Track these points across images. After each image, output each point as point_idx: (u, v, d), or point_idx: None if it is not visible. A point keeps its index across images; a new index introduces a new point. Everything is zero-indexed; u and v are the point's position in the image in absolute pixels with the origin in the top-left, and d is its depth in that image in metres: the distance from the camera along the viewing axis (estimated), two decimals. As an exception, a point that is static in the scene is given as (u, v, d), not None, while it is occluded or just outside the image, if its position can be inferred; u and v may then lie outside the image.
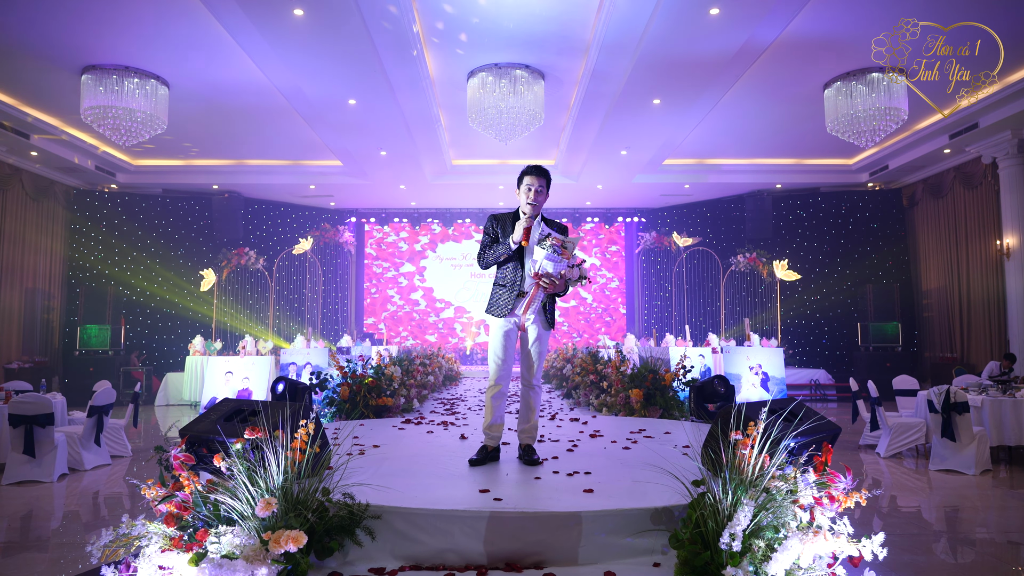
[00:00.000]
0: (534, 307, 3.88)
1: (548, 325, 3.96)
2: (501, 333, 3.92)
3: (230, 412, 3.36)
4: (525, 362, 4.02)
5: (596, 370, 7.89)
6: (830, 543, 2.23)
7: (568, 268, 3.75)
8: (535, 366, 3.98)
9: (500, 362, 3.92)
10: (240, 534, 2.42)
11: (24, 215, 11.92)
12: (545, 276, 3.73)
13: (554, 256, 3.73)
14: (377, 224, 17.16)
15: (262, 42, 7.57)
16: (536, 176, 3.85)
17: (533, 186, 3.83)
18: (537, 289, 3.81)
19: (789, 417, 2.92)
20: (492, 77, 8.54)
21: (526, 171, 3.87)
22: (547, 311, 3.96)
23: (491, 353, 3.96)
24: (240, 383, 9.48)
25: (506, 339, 3.92)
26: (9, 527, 4.48)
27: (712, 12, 6.90)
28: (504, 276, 3.96)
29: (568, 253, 3.74)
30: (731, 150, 12.54)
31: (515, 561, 2.81)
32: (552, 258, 3.73)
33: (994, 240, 11.24)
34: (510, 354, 3.94)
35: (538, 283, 3.76)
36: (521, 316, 3.90)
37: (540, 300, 3.88)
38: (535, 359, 3.97)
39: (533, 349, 3.96)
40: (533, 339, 3.95)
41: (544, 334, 3.98)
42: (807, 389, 12.36)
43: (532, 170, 3.87)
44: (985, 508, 5.00)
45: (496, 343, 3.94)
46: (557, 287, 3.77)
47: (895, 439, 6.77)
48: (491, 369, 3.96)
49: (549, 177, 3.93)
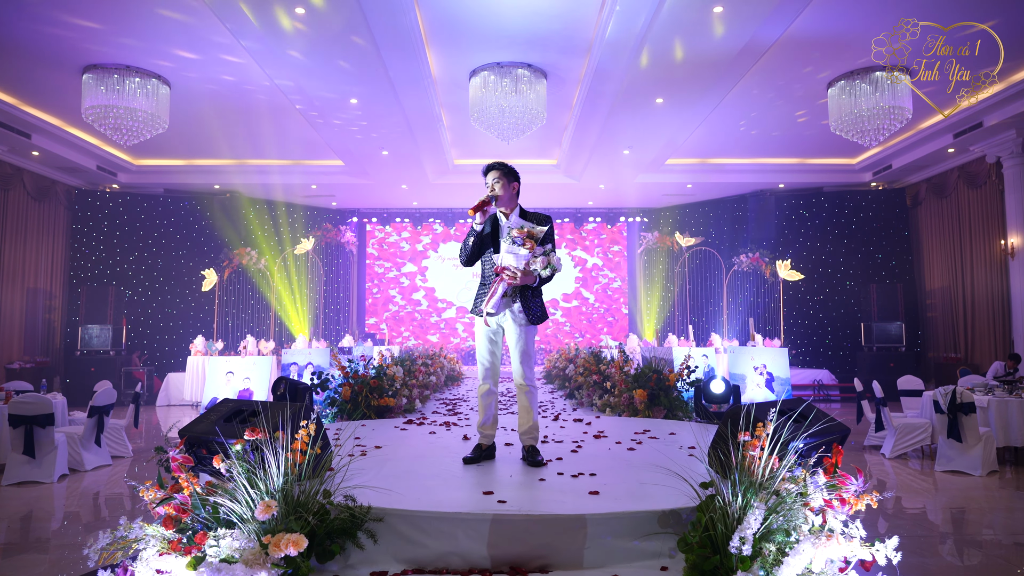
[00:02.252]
0: (496, 301, 3.80)
1: (530, 321, 3.87)
2: (481, 332, 3.96)
3: (230, 413, 3.32)
4: (512, 361, 3.97)
5: (599, 370, 7.84)
6: (843, 547, 2.18)
7: (531, 258, 3.69)
8: (522, 365, 3.90)
9: (484, 361, 3.96)
10: (239, 537, 2.38)
11: (26, 215, 11.90)
12: (506, 269, 3.71)
13: (513, 248, 3.70)
14: (379, 224, 17.13)
15: (264, 41, 7.54)
16: (491, 172, 3.91)
17: (490, 182, 3.90)
18: (498, 282, 3.77)
19: (799, 418, 2.88)
20: (494, 76, 8.51)
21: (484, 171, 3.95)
22: (527, 305, 3.87)
23: (476, 352, 4.01)
24: (241, 383, 9.45)
25: (486, 337, 3.94)
26: (9, 528, 4.45)
27: (716, 10, 6.86)
28: (484, 274, 3.99)
29: (532, 243, 3.67)
30: (734, 149, 12.49)
31: (519, 564, 2.76)
32: (512, 250, 3.70)
33: (998, 240, 11.19)
34: (493, 352, 3.95)
35: (500, 276, 3.75)
36: (484, 310, 3.86)
37: (502, 293, 3.79)
38: (520, 357, 3.90)
39: (516, 347, 3.90)
40: (515, 337, 3.89)
41: (525, 330, 3.88)
42: (810, 389, 12.30)
43: (486, 169, 3.95)
44: (992, 509, 4.95)
45: (479, 342, 3.99)
46: (523, 279, 3.72)
47: (900, 440, 6.72)
48: (478, 368, 4.02)
49: (506, 168, 3.92)
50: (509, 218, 3.91)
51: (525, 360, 3.90)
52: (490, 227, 3.91)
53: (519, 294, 3.85)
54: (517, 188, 3.95)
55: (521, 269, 3.70)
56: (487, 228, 3.90)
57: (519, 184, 3.97)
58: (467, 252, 3.92)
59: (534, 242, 3.68)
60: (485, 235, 3.90)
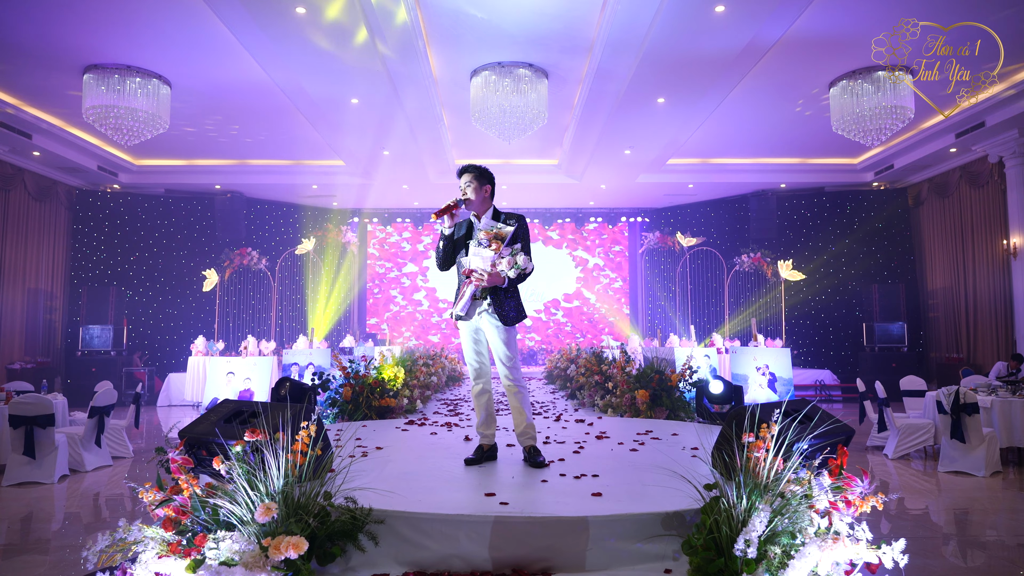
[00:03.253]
0: (464, 304, 3.84)
1: (507, 321, 3.85)
2: (463, 334, 4.01)
3: (230, 414, 3.30)
4: (496, 363, 3.98)
5: (601, 371, 7.82)
6: (849, 549, 2.16)
7: (498, 259, 3.69)
8: (504, 366, 3.89)
9: (472, 362, 4.02)
10: (239, 540, 2.36)
11: (27, 215, 11.89)
12: (473, 271, 3.74)
13: (478, 249, 3.73)
14: (380, 224, 17.11)
15: (264, 41, 7.52)
16: (464, 174, 3.94)
17: (462, 185, 3.92)
18: (465, 284, 3.82)
19: (803, 419, 2.85)
20: (495, 76, 8.49)
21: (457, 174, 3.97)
22: (500, 306, 3.84)
23: (464, 355, 4.09)
24: (242, 384, 9.43)
25: (470, 339, 3.98)
26: (9, 529, 4.43)
27: (717, 9, 6.83)
28: (458, 277, 4.01)
29: (499, 244, 3.67)
30: (735, 149, 12.47)
31: (522, 567, 2.74)
32: (477, 252, 3.72)
33: (1001, 239, 11.16)
34: (480, 353, 3.99)
35: (468, 278, 3.78)
36: (454, 312, 3.92)
37: (470, 296, 3.82)
38: (501, 358, 3.90)
39: (495, 347, 3.91)
40: (492, 338, 3.91)
41: (503, 330, 3.86)
42: (812, 390, 12.27)
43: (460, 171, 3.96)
44: (995, 510, 4.93)
45: (463, 345, 4.04)
46: (491, 280, 3.73)
47: (903, 440, 6.69)
48: (469, 370, 4.07)
49: (478, 171, 3.93)
50: (481, 220, 3.91)
51: (507, 360, 3.90)
52: (464, 230, 3.93)
53: (491, 296, 3.84)
54: (490, 191, 3.95)
55: (488, 271, 3.71)
56: (462, 231, 3.92)
57: (492, 187, 3.97)
58: (440, 257, 3.96)
59: (500, 242, 3.69)
60: (458, 239, 3.92)
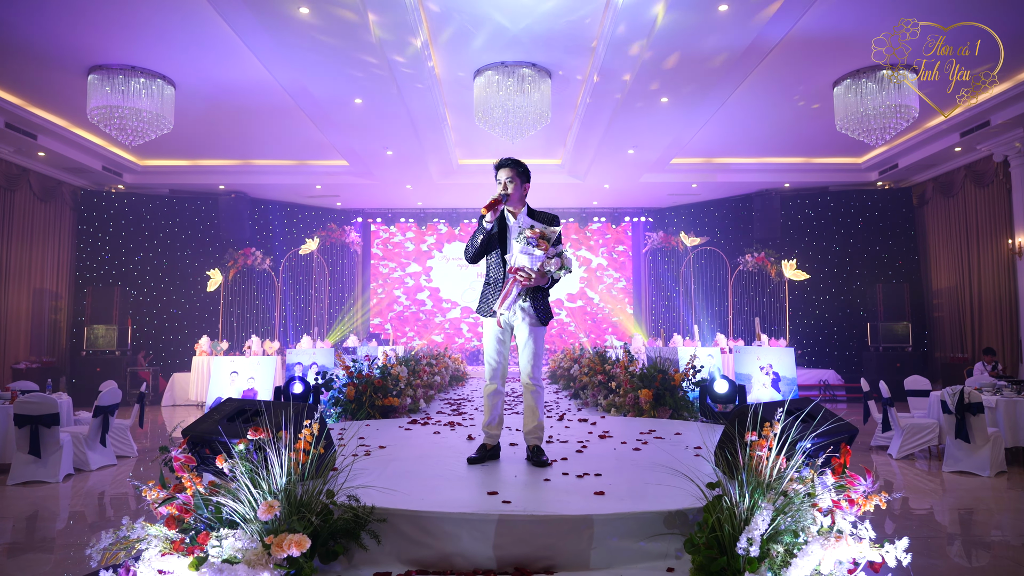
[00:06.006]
0: (509, 302, 3.80)
1: (539, 321, 3.88)
2: (490, 332, 3.94)
3: (233, 412, 3.30)
4: (520, 361, 3.96)
5: (604, 370, 7.82)
6: (852, 548, 2.15)
7: (545, 260, 3.67)
8: (530, 365, 3.89)
9: (492, 361, 3.95)
10: (242, 538, 2.37)
11: (32, 216, 11.93)
12: (520, 270, 3.70)
13: (528, 248, 3.68)
14: (383, 224, 17.13)
15: (268, 41, 7.54)
16: (504, 168, 3.89)
17: (503, 179, 3.87)
18: (512, 283, 3.76)
19: (806, 418, 2.85)
20: (499, 76, 8.49)
21: (496, 167, 3.92)
22: (537, 306, 3.86)
23: (484, 352, 4.00)
24: (245, 383, 9.45)
25: (495, 338, 3.93)
26: (14, 528, 4.44)
27: (721, 9, 6.83)
28: (489, 274, 3.97)
29: (546, 244, 3.66)
30: (739, 149, 12.45)
31: (524, 565, 2.74)
32: (526, 251, 3.68)
33: (1006, 239, 11.11)
34: (502, 353, 3.94)
35: (514, 277, 3.73)
36: (497, 310, 3.85)
37: (516, 294, 3.79)
38: (529, 357, 3.89)
39: (526, 347, 3.89)
40: (524, 337, 3.89)
41: (536, 331, 3.88)
42: (816, 389, 12.25)
43: (499, 165, 3.92)
44: (1000, 510, 4.91)
45: (487, 342, 3.97)
46: (537, 280, 3.71)
47: (907, 440, 6.67)
48: (485, 368, 4.00)
49: (520, 167, 3.91)
50: (517, 218, 3.89)
51: (534, 359, 3.89)
52: (497, 226, 3.89)
53: (530, 294, 3.84)
54: (527, 189, 3.95)
55: (536, 270, 3.69)
56: (495, 227, 3.88)
57: (529, 185, 3.96)
58: (475, 249, 3.90)
59: (547, 243, 3.67)
60: (493, 234, 3.89)
